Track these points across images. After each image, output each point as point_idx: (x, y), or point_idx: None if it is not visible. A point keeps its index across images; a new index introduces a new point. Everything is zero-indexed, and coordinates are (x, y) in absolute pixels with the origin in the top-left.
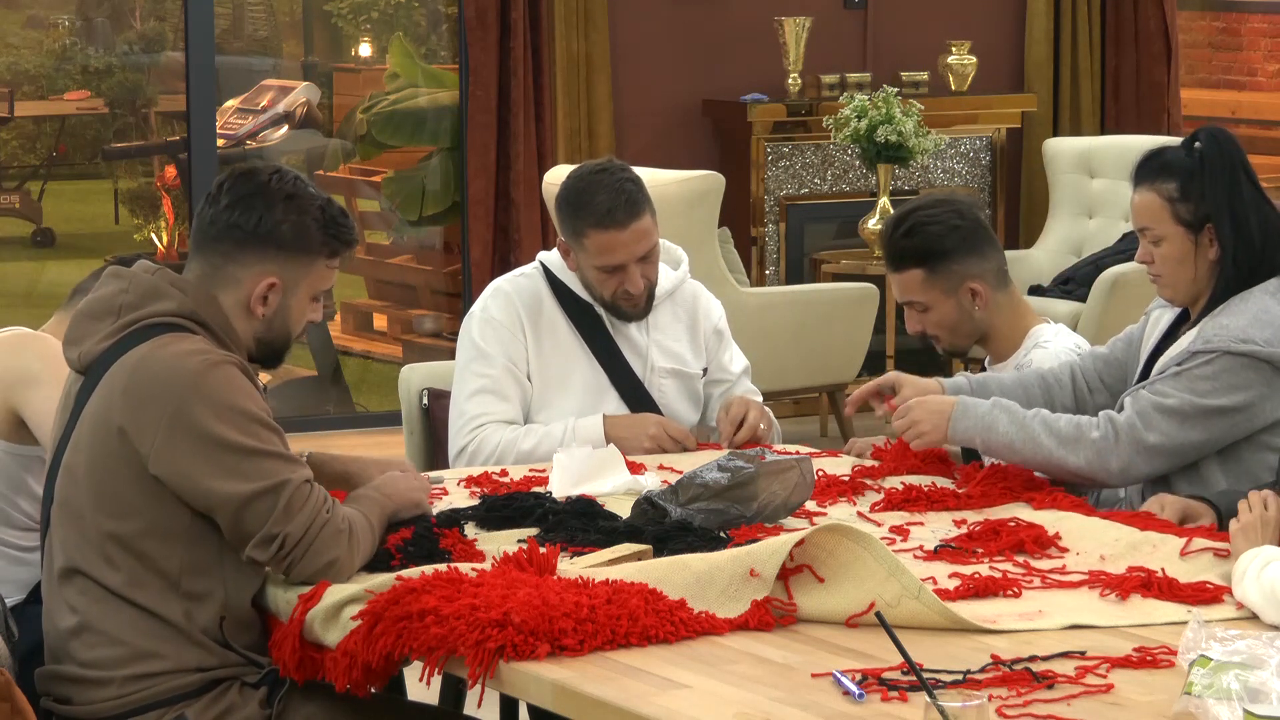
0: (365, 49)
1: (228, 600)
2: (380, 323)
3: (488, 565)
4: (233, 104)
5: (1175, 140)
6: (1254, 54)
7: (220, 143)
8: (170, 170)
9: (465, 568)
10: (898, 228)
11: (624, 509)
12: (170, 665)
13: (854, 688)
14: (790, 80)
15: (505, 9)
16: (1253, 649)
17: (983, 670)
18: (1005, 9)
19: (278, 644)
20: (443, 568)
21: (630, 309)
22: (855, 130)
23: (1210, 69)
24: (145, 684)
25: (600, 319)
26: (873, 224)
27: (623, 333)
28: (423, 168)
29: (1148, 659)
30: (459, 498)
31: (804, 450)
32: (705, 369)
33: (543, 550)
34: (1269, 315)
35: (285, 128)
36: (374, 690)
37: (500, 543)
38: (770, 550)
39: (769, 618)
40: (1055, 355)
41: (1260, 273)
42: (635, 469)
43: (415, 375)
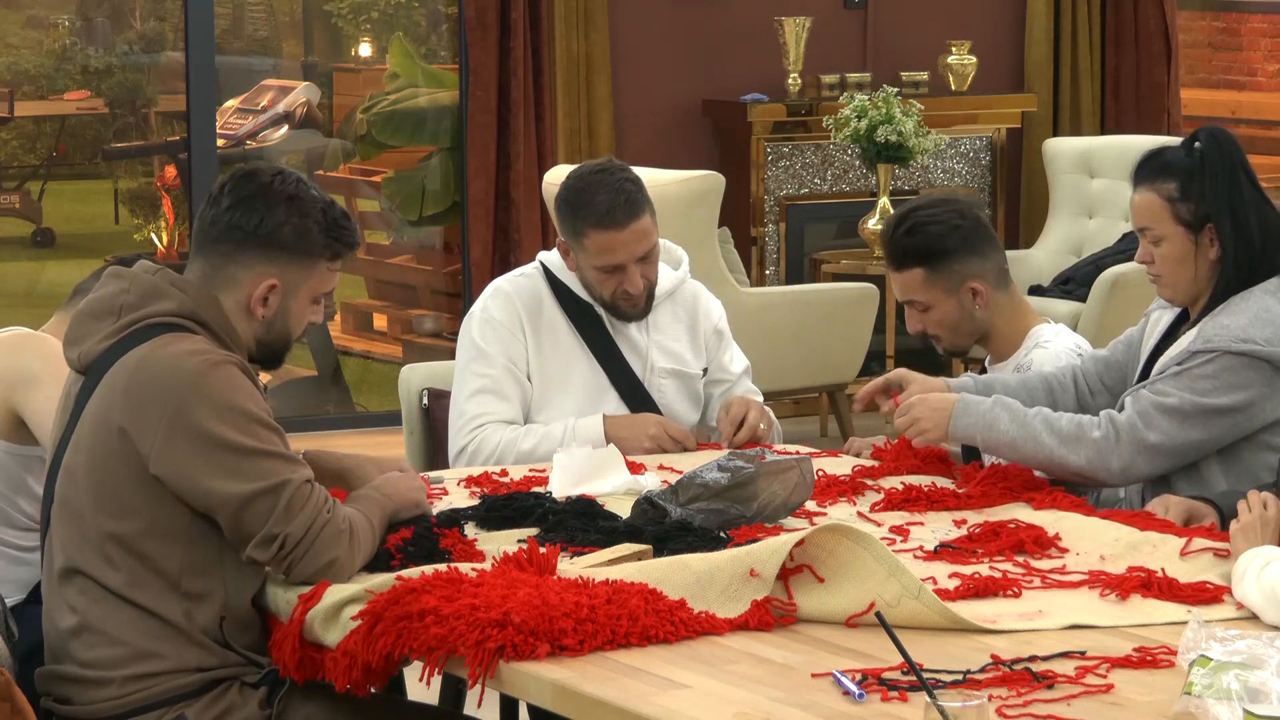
0: (365, 49)
1: (228, 600)
2: (380, 323)
3: (488, 565)
4: (233, 104)
5: (1175, 140)
6: (1254, 54)
7: (220, 143)
8: (170, 170)
9: (465, 568)
10: (899, 227)
11: (624, 509)
12: (170, 665)
13: (854, 688)
14: (790, 80)
15: (505, 9)
16: (1253, 649)
17: (983, 670)
18: (1005, 9)
19: (278, 644)
20: (443, 568)
21: (630, 309)
22: (855, 130)
23: (1210, 69)
24: (145, 684)
25: (600, 319)
26: (873, 224)
27: (623, 333)
28: (423, 168)
29: (1148, 659)
30: (459, 498)
31: (804, 450)
32: (705, 369)
33: (543, 550)
34: (1269, 315)
35: (285, 128)
36: (374, 690)
37: (500, 543)
38: (770, 550)
39: (769, 618)
40: (1055, 355)
41: (1260, 272)
42: (635, 469)
43: (415, 375)
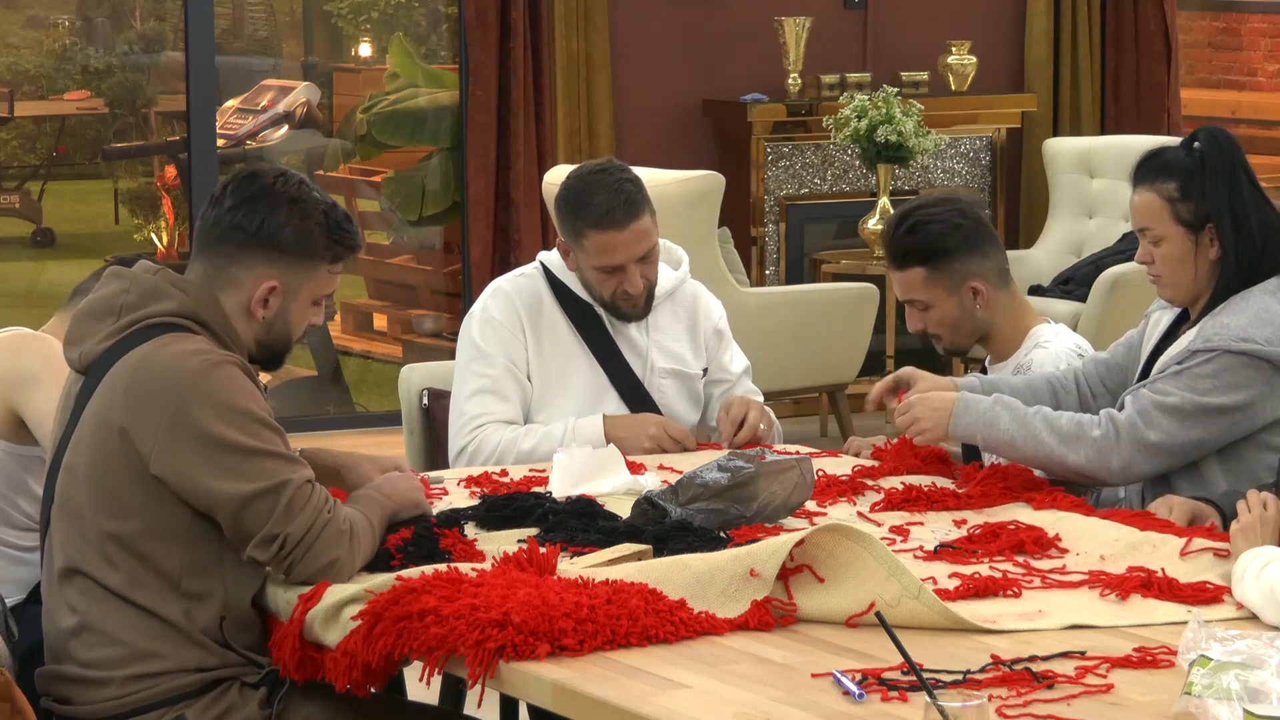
0: (365, 49)
1: (228, 600)
2: (380, 323)
3: (488, 565)
4: (233, 104)
5: (1175, 140)
6: (1254, 54)
7: (220, 143)
8: (170, 170)
9: (465, 568)
10: (900, 225)
11: (624, 509)
12: (170, 665)
13: (854, 688)
14: (790, 80)
15: (505, 9)
16: (1253, 649)
17: (983, 670)
18: (1005, 9)
19: (278, 644)
20: (443, 568)
21: (629, 309)
22: (855, 130)
23: (1210, 69)
24: (145, 684)
25: (600, 319)
26: (873, 224)
27: (622, 333)
28: (423, 168)
29: (1148, 659)
30: (459, 498)
31: (804, 450)
32: (705, 369)
33: (543, 550)
34: (1269, 314)
35: (285, 128)
36: (374, 690)
37: (500, 543)
38: (770, 550)
39: (769, 618)
40: (1055, 355)
41: (1260, 272)
42: (635, 469)
43: (415, 375)
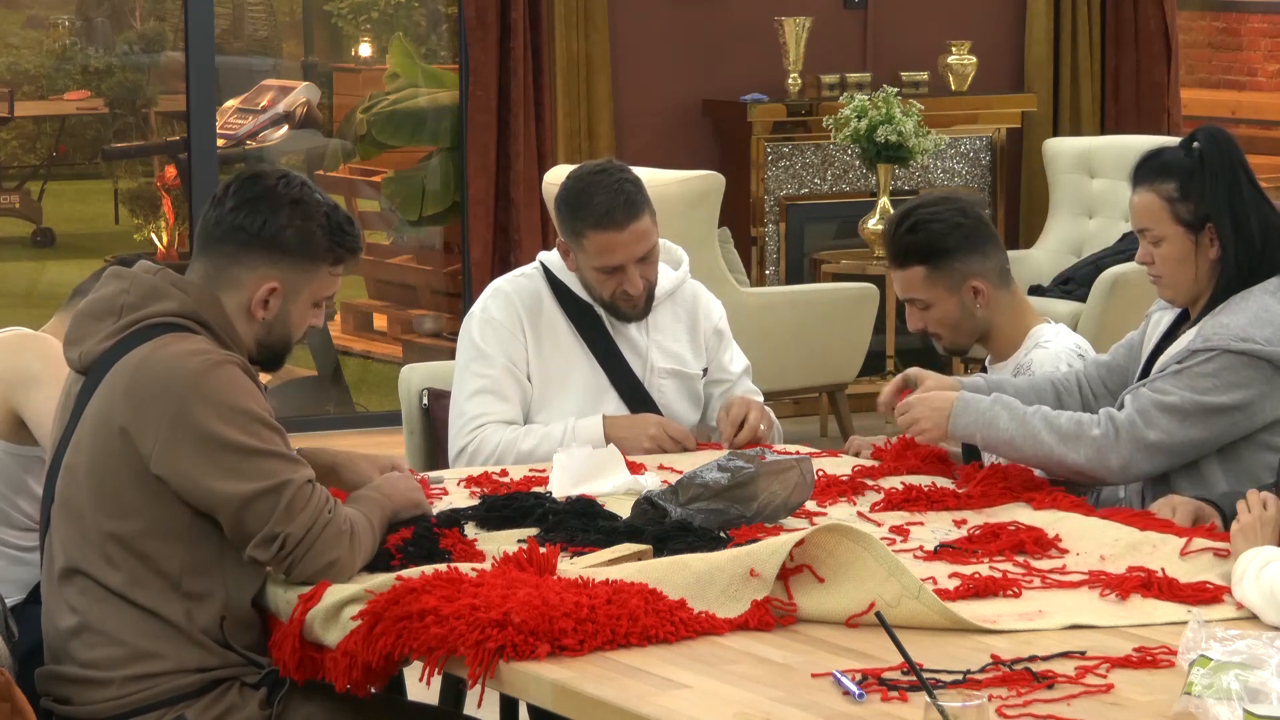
0: (365, 49)
1: (228, 600)
2: (380, 323)
3: (488, 565)
4: (233, 104)
5: (1174, 140)
6: (1254, 54)
7: (220, 143)
8: (170, 170)
9: (465, 568)
10: (901, 224)
11: (624, 509)
12: (170, 665)
13: (854, 688)
14: (790, 80)
15: (505, 9)
16: (1253, 649)
17: (983, 670)
18: (1005, 9)
19: (278, 644)
20: (443, 568)
21: (629, 309)
22: (855, 130)
23: (1210, 69)
24: (145, 684)
25: (600, 319)
26: (873, 224)
27: (622, 333)
28: (423, 168)
29: (1148, 659)
30: (459, 498)
31: (804, 450)
32: (705, 369)
33: (543, 550)
34: (1269, 314)
35: (285, 128)
36: (374, 690)
37: (500, 543)
38: (770, 550)
39: (769, 618)
40: (1056, 355)
41: (1260, 272)
42: (635, 469)
43: (415, 375)
